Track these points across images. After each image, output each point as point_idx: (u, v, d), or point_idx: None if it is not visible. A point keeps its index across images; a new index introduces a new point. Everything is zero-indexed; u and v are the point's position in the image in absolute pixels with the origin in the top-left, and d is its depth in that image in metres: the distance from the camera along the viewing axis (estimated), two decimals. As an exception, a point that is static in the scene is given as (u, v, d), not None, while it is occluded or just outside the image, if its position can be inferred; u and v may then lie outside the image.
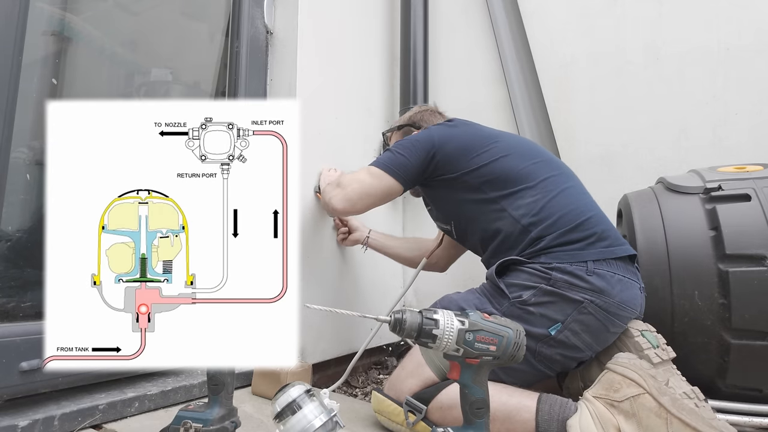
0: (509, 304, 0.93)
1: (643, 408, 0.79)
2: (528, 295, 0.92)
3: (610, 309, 0.91)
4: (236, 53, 1.44)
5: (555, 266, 0.93)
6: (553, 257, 0.94)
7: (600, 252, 0.94)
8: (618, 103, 1.61)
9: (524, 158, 1.07)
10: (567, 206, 0.99)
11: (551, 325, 0.91)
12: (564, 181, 1.06)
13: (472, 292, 1.02)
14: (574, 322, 0.91)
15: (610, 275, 0.93)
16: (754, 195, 0.99)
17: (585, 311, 0.91)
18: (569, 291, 0.91)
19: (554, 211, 0.98)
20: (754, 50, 1.41)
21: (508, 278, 0.97)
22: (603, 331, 0.93)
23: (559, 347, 0.92)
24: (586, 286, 0.91)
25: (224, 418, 0.76)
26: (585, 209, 1.01)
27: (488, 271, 1.01)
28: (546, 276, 0.92)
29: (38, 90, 1.06)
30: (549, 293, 0.92)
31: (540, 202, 1.00)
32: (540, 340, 0.91)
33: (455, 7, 1.99)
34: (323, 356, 1.47)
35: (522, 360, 0.91)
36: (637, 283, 0.97)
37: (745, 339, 0.94)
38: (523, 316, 0.92)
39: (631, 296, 0.94)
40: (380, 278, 1.77)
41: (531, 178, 1.03)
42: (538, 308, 0.92)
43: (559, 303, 0.91)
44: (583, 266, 0.92)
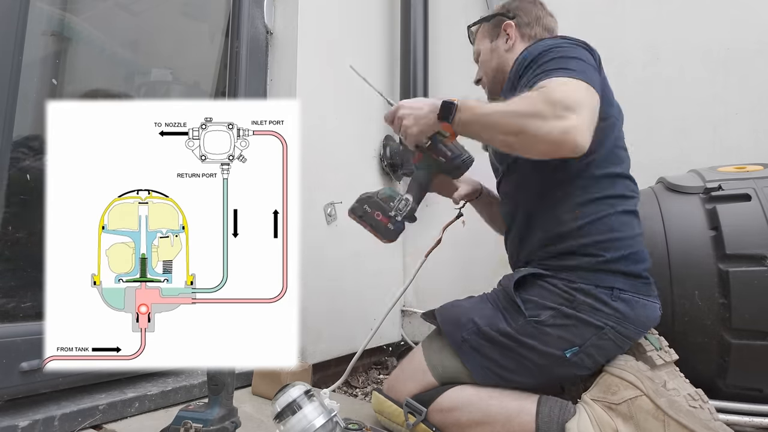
0: (524, 321, 0.87)
1: (641, 410, 0.79)
2: (546, 316, 0.86)
3: (630, 335, 0.87)
4: (236, 53, 1.44)
5: (579, 287, 0.86)
6: (578, 276, 0.87)
7: (629, 284, 0.87)
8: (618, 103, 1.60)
9: (625, 160, 0.94)
10: (624, 231, 0.89)
11: (568, 348, 0.86)
12: (635, 203, 0.94)
13: (485, 301, 0.95)
14: (591, 347, 0.86)
15: (634, 301, 0.87)
16: (755, 195, 0.99)
17: (605, 337, 0.85)
18: (591, 315, 0.85)
19: (606, 230, 0.88)
20: (754, 50, 1.41)
21: (525, 293, 0.90)
22: (617, 352, 0.89)
23: (571, 368, 0.88)
24: (609, 311, 0.85)
25: (224, 418, 0.76)
26: (636, 242, 0.90)
27: (505, 279, 0.95)
28: (568, 297, 0.86)
29: (38, 90, 1.06)
30: (569, 316, 0.86)
31: (602, 213, 0.88)
32: (554, 360, 0.87)
33: (455, 7, 1.99)
34: (323, 356, 1.48)
35: (531, 376, 0.88)
36: (657, 304, 0.91)
37: (745, 339, 0.94)
38: (539, 336, 0.86)
39: (652, 319, 0.90)
40: (380, 278, 1.77)
41: (614, 186, 0.91)
42: (556, 330, 0.86)
43: (579, 327, 0.85)
44: (609, 291, 0.86)
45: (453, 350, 0.94)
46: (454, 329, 0.94)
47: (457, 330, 0.93)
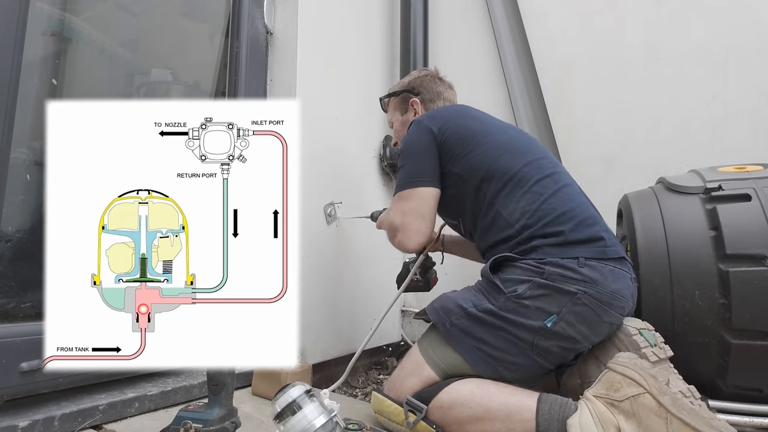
0: (505, 299, 0.94)
1: (644, 407, 0.79)
2: (523, 289, 0.93)
3: (603, 299, 0.92)
4: (236, 53, 1.44)
5: (547, 261, 0.94)
6: (545, 253, 0.95)
7: (592, 251, 0.95)
8: (618, 103, 1.61)
9: (519, 156, 1.05)
10: (561, 207, 0.99)
11: (547, 317, 0.91)
12: (558, 180, 1.05)
13: (469, 290, 1.02)
14: (569, 313, 0.91)
15: (601, 266, 0.94)
16: (755, 195, 0.99)
17: (579, 302, 0.91)
18: (562, 283, 0.92)
19: (546, 213, 0.98)
20: (754, 50, 1.41)
21: (502, 274, 0.98)
22: (598, 321, 0.93)
23: (555, 339, 0.92)
24: (578, 277, 0.92)
25: (224, 418, 0.76)
26: (579, 211, 1.00)
27: (482, 268, 1.02)
28: (539, 270, 0.93)
29: (38, 90, 1.06)
30: (543, 286, 0.92)
31: (533, 204, 0.99)
32: (537, 333, 0.92)
33: (455, 7, 1.99)
34: (323, 356, 1.48)
35: (520, 354, 0.92)
36: (628, 273, 0.98)
37: (745, 339, 0.94)
38: (519, 309, 0.92)
39: (623, 286, 0.95)
40: (380, 278, 1.77)
41: (525, 180, 1.02)
42: (533, 301, 0.92)
43: (553, 295, 0.92)
44: (575, 260, 0.93)
45: (445, 339, 0.97)
46: (443, 318, 0.98)
47: (446, 317, 0.98)
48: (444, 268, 1.71)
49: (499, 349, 0.93)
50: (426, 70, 1.36)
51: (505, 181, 1.03)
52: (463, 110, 1.17)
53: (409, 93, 1.31)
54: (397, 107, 1.35)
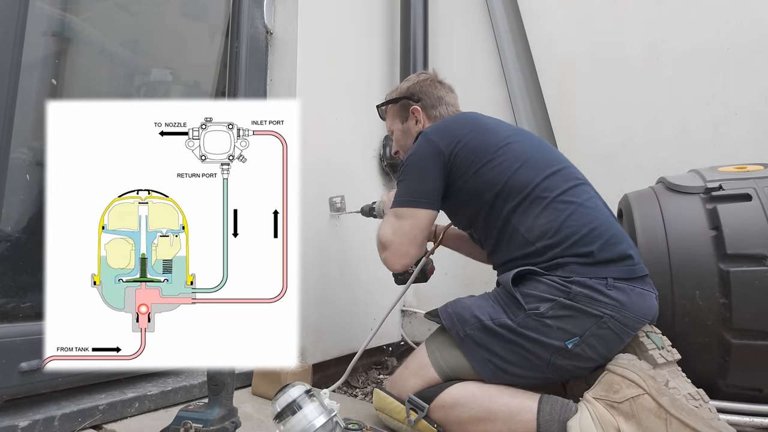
0: (525, 315, 0.90)
1: (643, 409, 0.79)
2: (545, 308, 0.89)
3: (629, 323, 0.89)
4: (236, 53, 1.44)
5: (574, 280, 0.89)
6: (572, 271, 0.90)
7: (621, 270, 0.91)
8: (618, 103, 1.61)
9: (539, 168, 0.99)
10: (587, 225, 0.93)
11: (569, 338, 0.88)
12: (580, 193, 0.99)
13: (486, 298, 0.98)
14: (592, 336, 0.88)
15: (629, 288, 0.90)
16: (755, 195, 0.99)
17: (604, 326, 0.88)
18: (589, 305, 0.87)
19: (572, 232, 0.93)
20: (754, 50, 1.41)
21: (524, 288, 0.93)
22: (618, 343, 0.91)
23: (574, 359, 0.89)
24: (606, 300, 0.88)
25: (224, 418, 0.76)
26: (605, 228, 0.94)
27: (503, 277, 0.96)
28: (565, 289, 0.89)
29: (38, 90, 1.06)
30: (568, 307, 0.88)
31: (555, 222, 0.94)
32: (556, 352, 0.89)
33: (455, 7, 1.99)
34: (323, 356, 1.47)
35: (534, 369, 0.90)
36: (653, 292, 0.94)
37: (745, 339, 0.94)
38: (540, 328, 0.89)
39: (649, 307, 0.92)
40: (380, 278, 1.77)
41: (545, 195, 0.96)
42: (556, 321, 0.88)
43: (578, 317, 0.88)
44: (603, 281, 0.89)
45: (456, 346, 0.95)
46: (457, 325, 0.95)
47: (460, 326, 0.95)
48: (444, 268, 1.72)
49: (512, 363, 0.91)
50: (425, 74, 1.29)
51: (523, 197, 0.97)
52: (473, 122, 1.08)
53: (409, 100, 1.24)
54: (396, 115, 1.28)
